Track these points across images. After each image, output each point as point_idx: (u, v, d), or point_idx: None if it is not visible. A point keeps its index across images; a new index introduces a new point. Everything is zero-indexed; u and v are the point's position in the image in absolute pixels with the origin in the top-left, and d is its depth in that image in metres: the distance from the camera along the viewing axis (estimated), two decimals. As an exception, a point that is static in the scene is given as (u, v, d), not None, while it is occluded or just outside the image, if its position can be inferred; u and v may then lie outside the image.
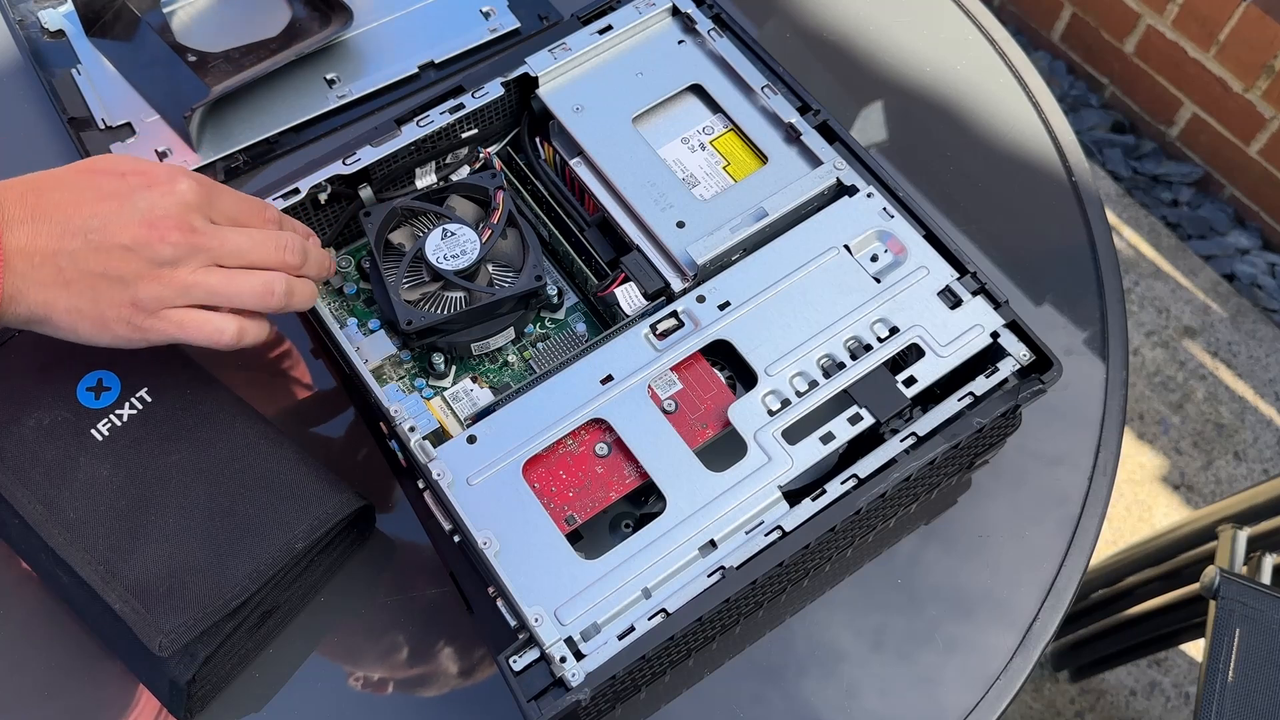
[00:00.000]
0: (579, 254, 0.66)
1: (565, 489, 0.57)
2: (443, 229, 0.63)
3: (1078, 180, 0.79)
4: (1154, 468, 1.41)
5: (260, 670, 0.60)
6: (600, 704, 0.55)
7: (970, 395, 0.59)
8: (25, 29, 0.79)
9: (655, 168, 0.65)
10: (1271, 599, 0.87)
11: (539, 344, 0.66)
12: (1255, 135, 1.48)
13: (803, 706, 0.61)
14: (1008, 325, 0.60)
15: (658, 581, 0.54)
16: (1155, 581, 1.09)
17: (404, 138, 0.65)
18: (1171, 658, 1.30)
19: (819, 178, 0.65)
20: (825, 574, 0.64)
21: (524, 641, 0.52)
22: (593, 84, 0.68)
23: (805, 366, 0.59)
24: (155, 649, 0.54)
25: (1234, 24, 1.42)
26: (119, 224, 0.53)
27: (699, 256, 0.61)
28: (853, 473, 0.56)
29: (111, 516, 0.57)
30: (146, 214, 0.53)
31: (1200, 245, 1.57)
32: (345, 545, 0.62)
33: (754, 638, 0.62)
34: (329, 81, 0.78)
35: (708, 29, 0.69)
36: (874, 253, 0.63)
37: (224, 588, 0.55)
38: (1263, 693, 0.83)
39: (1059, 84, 1.68)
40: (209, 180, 0.57)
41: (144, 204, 0.54)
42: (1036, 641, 0.63)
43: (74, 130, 0.75)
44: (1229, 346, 1.48)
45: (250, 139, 0.76)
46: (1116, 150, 1.63)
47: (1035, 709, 1.26)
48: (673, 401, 0.59)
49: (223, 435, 0.60)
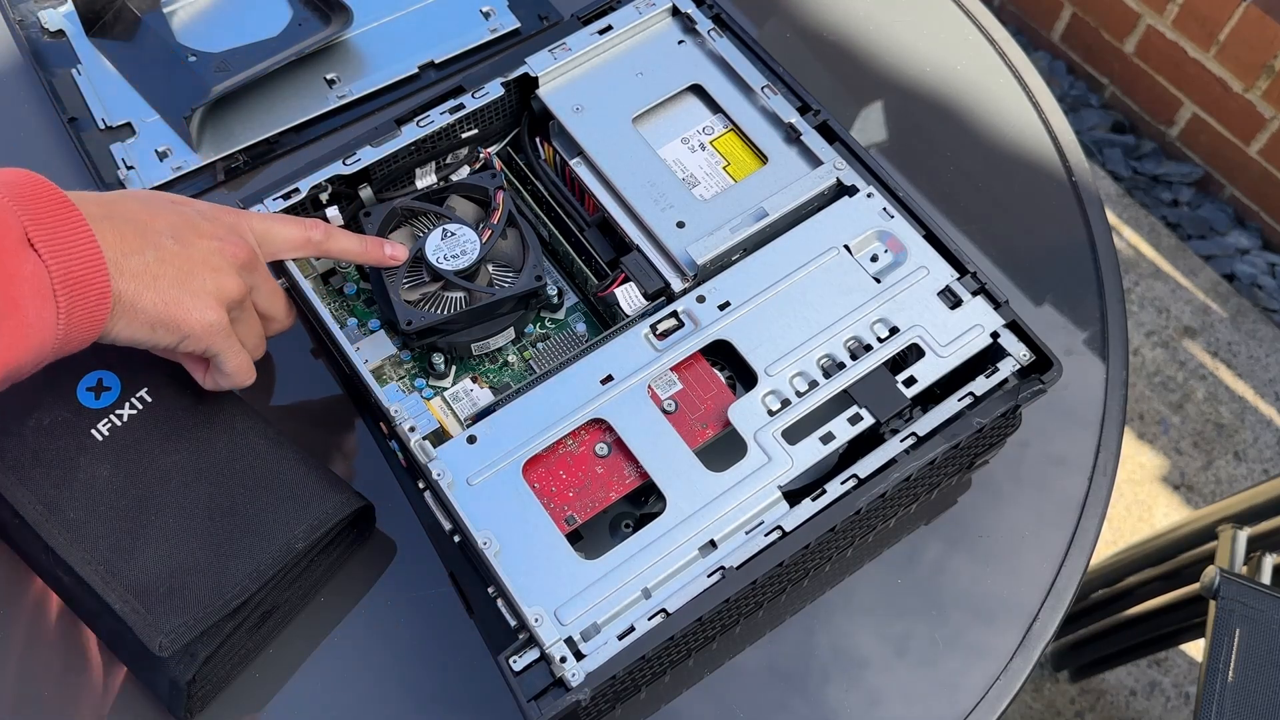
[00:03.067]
0: (579, 254, 0.66)
1: (565, 489, 0.57)
2: (443, 229, 0.63)
3: (1078, 180, 0.79)
4: (1154, 468, 1.41)
5: (260, 670, 0.60)
6: (600, 704, 0.55)
7: (970, 395, 0.59)
8: (25, 29, 0.79)
9: (655, 168, 0.65)
10: (1271, 599, 0.86)
11: (539, 344, 0.66)
12: (1255, 135, 1.48)
13: (800, 706, 0.61)
14: (1008, 325, 0.60)
15: (658, 581, 0.54)
16: (1155, 581, 1.09)
17: (404, 138, 0.65)
18: (1171, 658, 1.30)
19: (819, 178, 0.65)
20: (820, 575, 0.64)
21: (524, 641, 0.52)
22: (593, 84, 0.68)
23: (805, 366, 0.59)
24: (155, 649, 0.54)
25: (1234, 24, 1.42)
26: (194, 229, 0.55)
27: (699, 256, 0.61)
28: (853, 473, 0.56)
29: (112, 516, 0.57)
30: (210, 222, 0.56)
31: (1200, 245, 1.57)
32: (345, 545, 0.62)
33: (750, 639, 0.62)
34: (329, 81, 0.78)
35: (708, 29, 0.69)
36: (874, 253, 0.63)
37: (224, 588, 0.55)
38: (1263, 693, 0.83)
39: (1059, 84, 1.68)
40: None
41: (199, 215, 0.56)
42: (1036, 641, 0.63)
43: (74, 130, 0.75)
44: (1229, 346, 1.48)
45: (250, 139, 0.76)
46: (1116, 150, 1.63)
47: (1035, 709, 1.26)
48: (673, 401, 0.59)
49: (223, 435, 0.60)
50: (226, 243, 0.56)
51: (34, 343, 0.48)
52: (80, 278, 0.49)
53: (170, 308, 0.53)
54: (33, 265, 0.48)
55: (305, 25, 0.79)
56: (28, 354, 0.48)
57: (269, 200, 0.63)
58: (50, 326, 0.49)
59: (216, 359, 0.57)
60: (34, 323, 0.48)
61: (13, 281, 0.47)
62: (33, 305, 0.47)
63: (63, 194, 0.50)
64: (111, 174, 0.74)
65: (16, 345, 0.47)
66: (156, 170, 0.74)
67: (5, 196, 0.48)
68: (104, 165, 0.74)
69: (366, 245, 0.62)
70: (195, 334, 0.54)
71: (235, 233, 0.57)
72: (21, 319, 0.47)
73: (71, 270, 0.49)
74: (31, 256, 0.48)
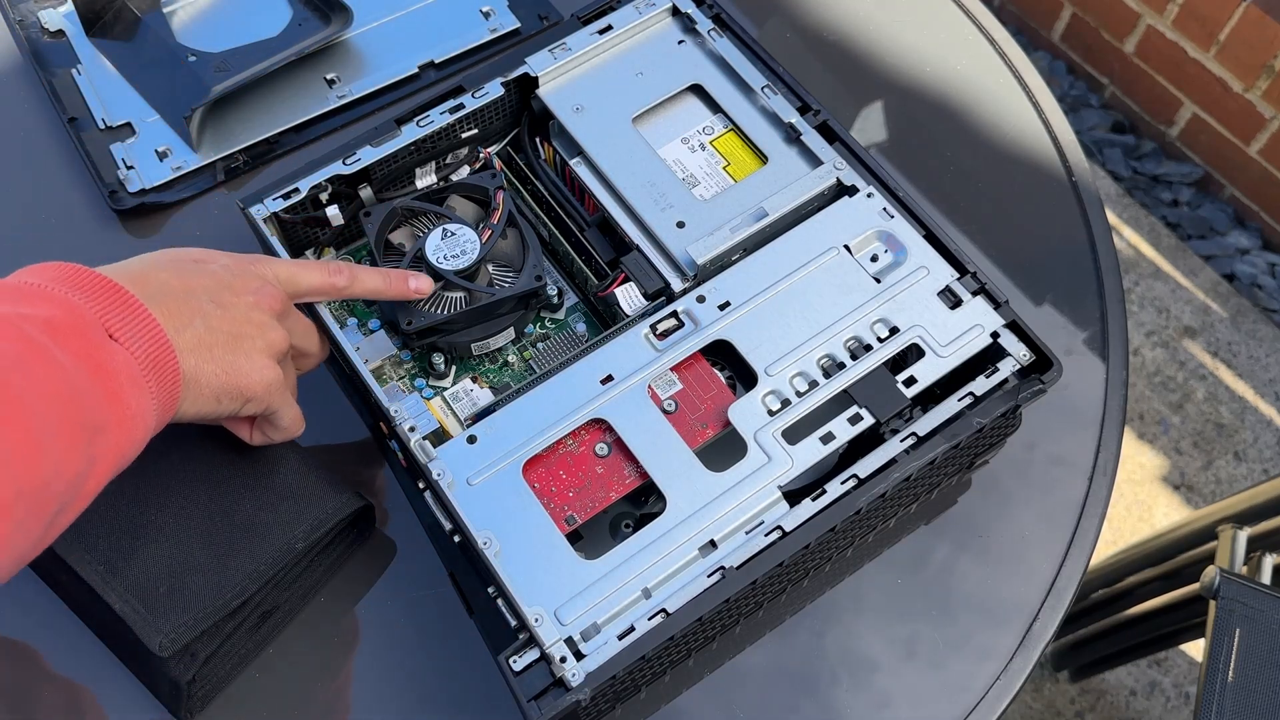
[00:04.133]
0: (579, 254, 0.66)
1: (565, 489, 0.57)
2: (443, 229, 0.63)
3: (1078, 180, 0.79)
4: (1154, 468, 1.41)
5: (260, 670, 0.60)
6: (600, 704, 0.55)
7: (970, 395, 0.59)
8: (25, 29, 0.79)
9: (655, 168, 0.65)
10: (1271, 599, 0.86)
11: (539, 344, 0.66)
12: (1255, 135, 1.48)
13: (803, 706, 0.61)
14: (1008, 325, 0.60)
15: (658, 581, 0.54)
16: (1155, 581, 1.09)
17: (404, 138, 0.65)
18: (1171, 658, 1.30)
19: (819, 178, 0.65)
20: (820, 575, 0.64)
21: (524, 641, 0.52)
22: (593, 84, 0.68)
23: (805, 366, 0.59)
24: (155, 649, 0.54)
25: (1234, 24, 1.42)
26: (230, 289, 0.53)
27: (699, 256, 0.61)
28: (853, 473, 0.56)
29: (112, 516, 0.57)
30: (240, 277, 0.54)
31: (1200, 245, 1.57)
32: (345, 545, 0.62)
33: (747, 639, 0.62)
34: (329, 81, 0.78)
35: (708, 29, 0.69)
36: (874, 253, 0.63)
37: (224, 588, 0.55)
38: (1263, 693, 0.83)
39: (1059, 84, 1.68)
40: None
41: (226, 271, 0.54)
42: (1036, 641, 0.63)
43: (74, 130, 0.75)
44: (1229, 346, 1.48)
45: (250, 139, 0.76)
46: (1116, 150, 1.63)
47: (1035, 709, 1.26)
48: (673, 401, 0.59)
49: (223, 435, 0.60)
50: (262, 295, 0.54)
51: (140, 434, 0.47)
52: (157, 359, 0.48)
53: (230, 375, 0.51)
54: (122, 356, 0.46)
55: (305, 25, 0.79)
56: (133, 446, 0.47)
57: (269, 200, 0.63)
58: (151, 413, 0.47)
59: (273, 415, 0.56)
60: (136, 413, 0.46)
61: (111, 376, 0.45)
62: (132, 396, 0.46)
63: (111, 280, 0.48)
64: (111, 174, 0.74)
65: (124, 439, 0.46)
66: (156, 170, 0.74)
67: (72, 292, 0.46)
68: (104, 165, 0.74)
69: (390, 281, 0.60)
70: (258, 396, 0.53)
71: (264, 281, 0.55)
72: (126, 411, 0.46)
73: (150, 354, 0.47)
74: (117, 348, 0.46)
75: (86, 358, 0.45)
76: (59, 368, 0.44)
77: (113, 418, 0.45)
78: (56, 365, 0.44)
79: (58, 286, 0.46)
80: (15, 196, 0.74)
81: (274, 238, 0.63)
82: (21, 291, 0.46)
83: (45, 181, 0.75)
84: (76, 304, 0.46)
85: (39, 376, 0.43)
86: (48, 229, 0.73)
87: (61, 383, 0.44)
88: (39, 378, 0.43)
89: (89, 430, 0.44)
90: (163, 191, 0.74)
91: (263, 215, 0.63)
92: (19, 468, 0.41)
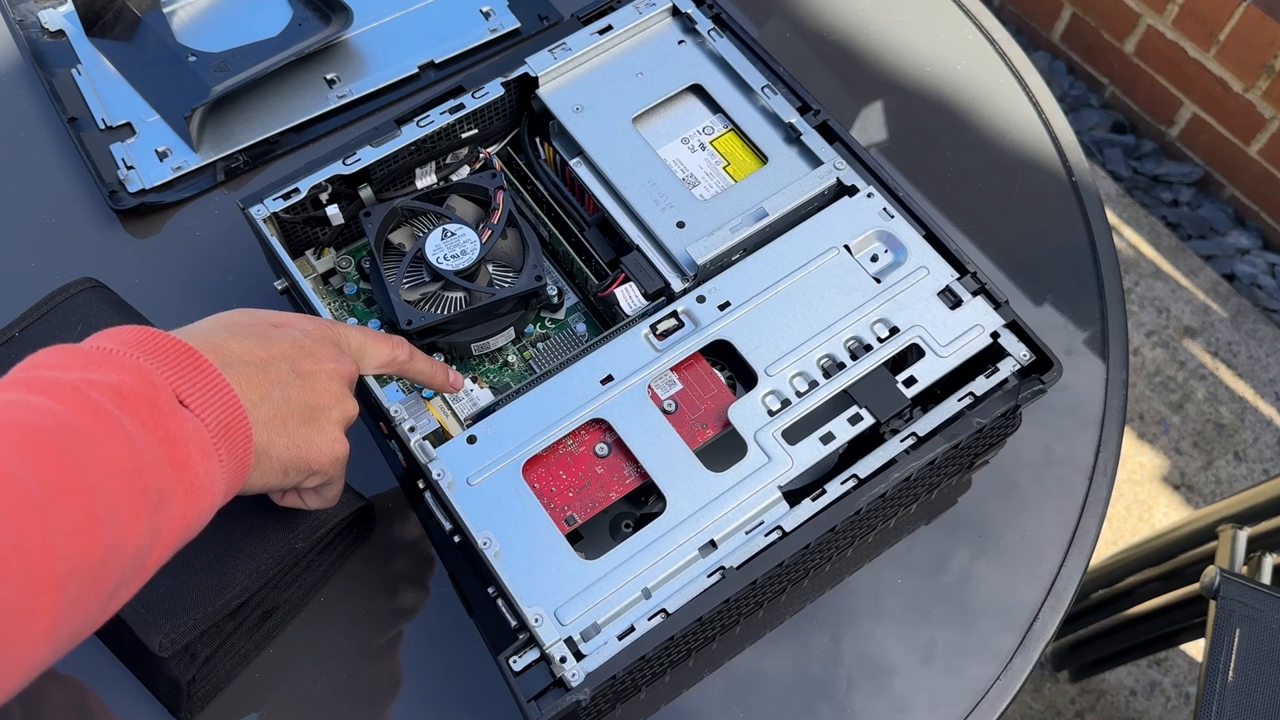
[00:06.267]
0: (579, 254, 0.66)
1: (565, 489, 0.57)
2: (443, 229, 0.63)
3: (1078, 180, 0.79)
4: (1154, 468, 1.41)
5: (260, 670, 0.60)
6: (600, 704, 0.55)
7: (970, 395, 0.59)
8: (25, 29, 0.79)
9: (655, 168, 0.65)
10: (1271, 599, 0.86)
11: (539, 344, 0.66)
12: (1255, 135, 1.48)
13: (797, 706, 0.61)
14: (1008, 325, 0.60)
15: (658, 582, 0.54)
16: (1155, 581, 1.09)
17: (404, 138, 0.65)
18: (1171, 658, 1.30)
19: (819, 178, 0.65)
20: (819, 575, 0.64)
21: (524, 642, 0.52)
22: (593, 84, 0.68)
23: (805, 366, 0.59)
24: (155, 649, 0.54)
25: (1234, 24, 1.42)
26: (311, 356, 0.52)
27: (699, 256, 0.61)
28: (853, 473, 0.56)
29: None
30: (320, 344, 0.53)
31: (1200, 245, 1.57)
32: (345, 545, 0.62)
33: (743, 640, 0.62)
34: (329, 81, 0.78)
35: (708, 29, 0.69)
36: (874, 253, 0.63)
37: (224, 588, 0.55)
38: (1263, 693, 0.83)
39: (1059, 84, 1.68)
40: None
41: (307, 338, 0.53)
42: (1036, 641, 0.63)
43: (74, 130, 0.75)
44: (1229, 346, 1.48)
45: (250, 139, 0.76)
46: (1116, 150, 1.63)
47: (1035, 709, 1.26)
48: (673, 401, 0.59)
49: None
50: (340, 364, 0.53)
51: (207, 504, 0.46)
52: (228, 426, 0.47)
53: (302, 449, 0.50)
54: (192, 423, 0.45)
55: (305, 25, 0.79)
56: (200, 516, 0.46)
57: (269, 200, 0.63)
58: (220, 482, 0.46)
59: (324, 487, 0.55)
60: (204, 481, 0.45)
61: (179, 443, 0.44)
62: (201, 464, 0.45)
63: (185, 343, 0.47)
64: (111, 174, 0.74)
65: (191, 509, 0.45)
66: (156, 170, 0.74)
67: (144, 357, 0.45)
68: (104, 165, 0.74)
69: (435, 369, 0.59)
70: (323, 469, 0.52)
71: (339, 348, 0.54)
72: (193, 479, 0.45)
73: (221, 420, 0.46)
74: (188, 415, 0.45)
75: (154, 425, 0.44)
76: (125, 436, 0.42)
77: (179, 486, 0.44)
78: (123, 434, 0.42)
79: (129, 351, 0.45)
80: (15, 196, 0.74)
81: (274, 238, 0.63)
82: (91, 357, 0.45)
83: (45, 181, 0.75)
84: (147, 369, 0.45)
85: (103, 447, 0.42)
86: (48, 229, 0.73)
87: (127, 452, 0.42)
88: (103, 448, 0.42)
89: (153, 500, 0.43)
90: (163, 191, 0.74)
91: (263, 215, 0.63)
92: (76, 544, 0.40)
